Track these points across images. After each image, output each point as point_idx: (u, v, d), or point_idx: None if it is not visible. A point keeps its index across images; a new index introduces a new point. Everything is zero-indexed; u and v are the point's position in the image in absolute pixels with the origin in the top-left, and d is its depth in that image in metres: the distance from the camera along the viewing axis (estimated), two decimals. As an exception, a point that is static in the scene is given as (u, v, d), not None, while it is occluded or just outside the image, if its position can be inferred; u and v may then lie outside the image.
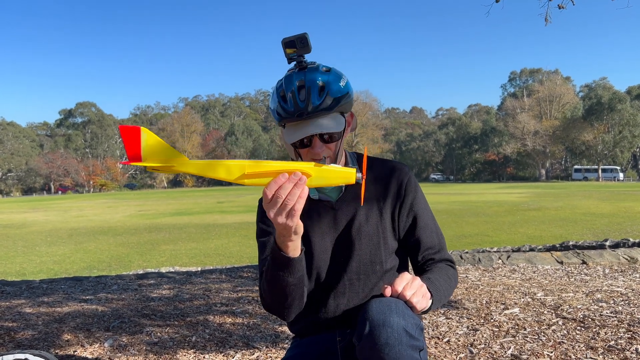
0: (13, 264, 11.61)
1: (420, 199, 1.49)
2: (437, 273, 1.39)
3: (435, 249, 1.47)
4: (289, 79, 1.34)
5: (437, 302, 1.29)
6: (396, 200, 1.46)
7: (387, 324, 1.19)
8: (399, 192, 1.46)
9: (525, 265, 4.72)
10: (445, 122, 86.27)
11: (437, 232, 1.50)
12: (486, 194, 32.57)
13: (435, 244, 1.48)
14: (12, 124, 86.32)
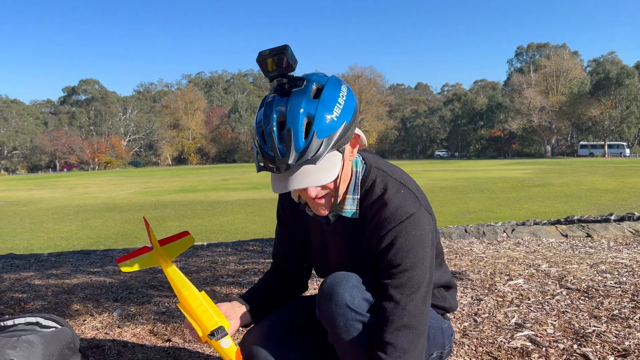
0: (21, 240, 11.73)
1: (399, 254, 1.22)
2: None
3: (385, 318, 1.21)
4: (269, 109, 1.09)
5: None
6: (375, 247, 1.27)
7: (333, 298, 1.24)
8: (377, 244, 1.25)
9: (530, 238, 4.72)
10: (450, 98, 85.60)
11: (400, 303, 1.20)
12: (491, 171, 32.49)
13: (389, 314, 1.20)
14: (16, 101, 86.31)
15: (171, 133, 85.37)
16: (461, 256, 4.03)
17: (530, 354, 2.06)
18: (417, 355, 1.22)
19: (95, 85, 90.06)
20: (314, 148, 1.05)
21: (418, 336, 1.21)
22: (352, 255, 1.35)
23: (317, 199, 1.21)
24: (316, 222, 1.41)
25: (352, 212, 1.30)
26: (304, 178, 1.08)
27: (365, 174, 1.30)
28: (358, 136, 1.23)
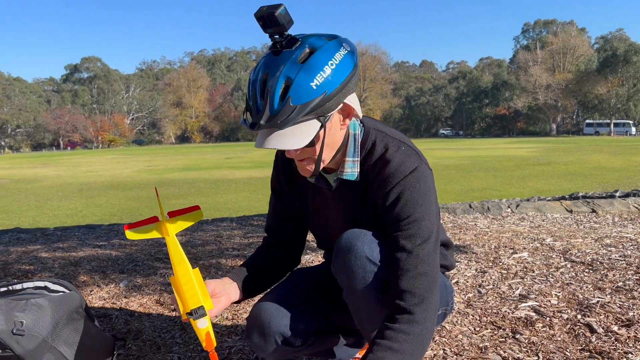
0: (26, 217, 11.81)
1: (406, 207, 1.22)
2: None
3: (400, 269, 1.21)
4: (258, 66, 1.11)
5: None
6: (380, 205, 1.27)
7: (352, 250, 1.25)
8: (383, 202, 1.25)
9: (535, 213, 4.72)
10: (455, 76, 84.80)
11: (413, 252, 1.20)
12: (495, 149, 32.36)
13: (402, 265, 1.20)
14: (19, 79, 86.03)
15: (174, 111, 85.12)
16: (465, 231, 4.03)
17: (534, 324, 2.08)
18: (434, 303, 1.21)
19: (97, 63, 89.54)
20: (285, 112, 1.05)
21: (433, 283, 1.22)
22: (357, 220, 1.34)
23: (299, 160, 1.22)
24: (317, 189, 1.39)
25: (354, 174, 1.29)
26: (275, 139, 1.09)
27: (364, 137, 1.29)
28: (352, 109, 1.19)
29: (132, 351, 1.96)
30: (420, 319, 1.18)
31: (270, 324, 1.34)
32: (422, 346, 1.20)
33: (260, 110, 1.07)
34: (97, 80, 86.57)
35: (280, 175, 1.46)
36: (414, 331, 1.18)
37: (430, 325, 1.21)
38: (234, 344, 2.00)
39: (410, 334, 1.17)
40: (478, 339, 1.96)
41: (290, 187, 1.46)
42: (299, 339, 1.38)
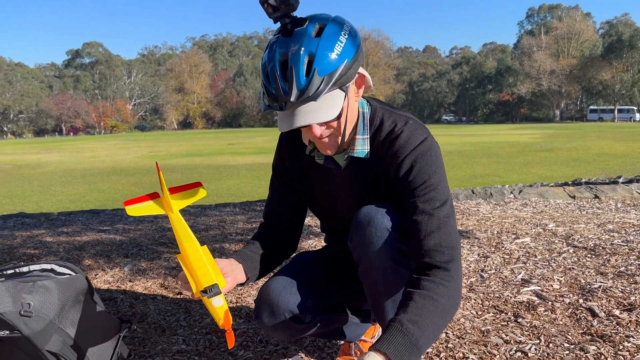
0: (30, 203, 11.85)
1: (420, 175, 1.23)
2: (421, 317, 1.12)
3: (423, 232, 1.20)
4: (273, 50, 1.12)
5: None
6: (393, 179, 1.28)
7: (372, 223, 1.26)
8: (396, 173, 1.27)
9: (537, 199, 4.72)
10: (459, 62, 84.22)
11: (434, 214, 1.21)
12: (498, 135, 32.24)
13: (424, 227, 1.21)
14: (20, 64, 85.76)
15: (176, 97, 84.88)
16: (468, 216, 4.04)
17: (536, 308, 2.09)
18: (460, 263, 1.22)
19: (99, 49, 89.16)
20: (314, 85, 1.07)
21: (458, 244, 1.22)
22: (368, 198, 1.34)
23: (322, 138, 1.22)
24: (325, 171, 1.39)
25: (364, 152, 1.30)
26: (307, 115, 1.10)
27: (371, 114, 1.32)
28: (363, 76, 1.23)
29: (138, 333, 1.98)
30: (455, 276, 1.18)
31: (279, 301, 1.35)
32: (455, 306, 1.18)
33: (286, 90, 1.08)
34: (99, 66, 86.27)
35: (285, 158, 1.46)
36: (451, 286, 1.16)
37: (460, 287, 1.20)
38: (237, 327, 2.02)
39: (448, 287, 1.16)
40: (480, 323, 1.97)
41: (294, 169, 1.46)
42: (308, 315, 1.40)
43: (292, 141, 1.44)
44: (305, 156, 1.41)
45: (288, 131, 1.46)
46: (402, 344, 1.06)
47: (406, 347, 1.06)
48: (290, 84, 1.08)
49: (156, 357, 1.79)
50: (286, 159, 1.45)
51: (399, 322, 1.09)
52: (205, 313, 2.17)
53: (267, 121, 77.22)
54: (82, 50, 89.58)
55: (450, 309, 1.16)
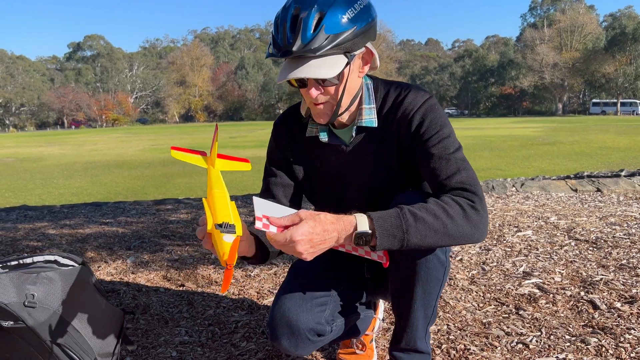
0: (32, 196, 11.87)
1: (431, 127, 1.25)
2: (414, 207, 1.13)
3: (444, 175, 1.21)
4: (287, 3, 1.17)
5: (385, 239, 1.10)
6: (405, 137, 1.29)
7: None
8: (408, 129, 1.27)
9: (539, 192, 4.72)
10: (461, 55, 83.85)
11: (450, 159, 1.22)
12: (501, 129, 32.17)
13: (444, 171, 1.21)
14: (22, 57, 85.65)
15: (178, 90, 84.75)
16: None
17: (537, 300, 2.09)
18: (483, 198, 1.20)
19: (100, 41, 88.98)
20: (319, 40, 1.11)
21: (478, 183, 1.22)
22: (380, 171, 1.32)
23: (317, 104, 1.23)
24: (329, 149, 1.36)
25: (372, 121, 1.31)
26: (305, 69, 1.13)
27: (375, 87, 1.34)
28: (372, 54, 1.25)
29: (141, 325, 2.00)
30: (478, 208, 1.16)
31: (298, 321, 1.28)
32: (472, 229, 1.15)
33: (291, 40, 1.12)
34: (101, 59, 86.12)
35: (281, 143, 1.43)
36: (470, 213, 1.14)
37: (483, 219, 1.17)
38: (240, 319, 2.03)
39: (465, 210, 1.14)
40: (482, 315, 1.98)
41: (291, 154, 1.42)
42: (327, 327, 1.35)
43: (288, 125, 1.42)
44: (305, 139, 1.39)
45: (284, 114, 1.45)
46: (392, 223, 1.10)
47: (394, 227, 1.09)
48: (296, 35, 1.11)
49: (159, 348, 1.80)
50: (282, 143, 1.43)
51: (400, 207, 1.13)
52: (208, 305, 2.19)
53: (268, 115, 77.15)
54: (84, 43, 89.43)
55: (463, 228, 1.13)
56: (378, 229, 1.09)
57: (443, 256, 1.29)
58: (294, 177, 1.45)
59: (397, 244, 1.11)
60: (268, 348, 1.77)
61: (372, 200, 1.31)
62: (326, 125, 1.35)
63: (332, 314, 1.39)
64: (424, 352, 1.42)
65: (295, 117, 1.42)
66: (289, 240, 1.06)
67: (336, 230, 1.09)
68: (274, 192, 1.44)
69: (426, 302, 1.33)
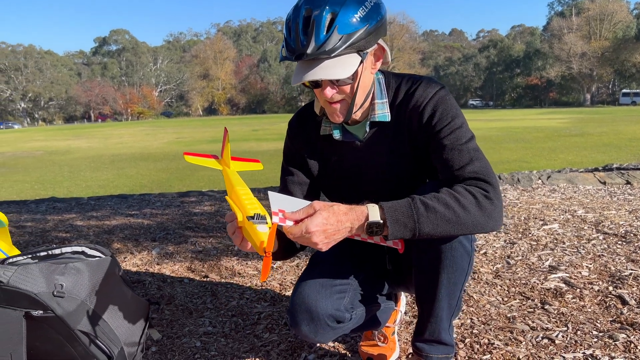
0: (61, 188, 12.15)
1: (443, 118, 1.25)
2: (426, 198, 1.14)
3: (457, 166, 1.21)
4: (298, 5, 1.18)
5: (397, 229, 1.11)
6: (417, 129, 1.28)
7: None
8: (420, 121, 1.27)
9: (566, 185, 4.62)
10: (486, 45, 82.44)
11: (463, 149, 1.22)
12: (526, 120, 31.60)
13: (457, 162, 1.21)
14: (50, 52, 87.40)
15: (201, 83, 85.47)
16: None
17: (564, 295, 2.06)
18: (498, 187, 1.19)
19: (125, 36, 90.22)
20: (332, 42, 1.11)
21: (493, 172, 1.20)
22: (395, 164, 1.33)
23: (333, 103, 1.24)
24: (344, 147, 1.37)
25: (385, 115, 1.31)
26: (319, 71, 1.14)
27: (386, 81, 1.34)
28: (383, 50, 1.26)
29: (166, 315, 2.03)
30: (492, 197, 1.15)
31: (317, 307, 1.29)
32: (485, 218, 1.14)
33: (304, 43, 1.12)
34: (126, 53, 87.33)
35: (296, 141, 1.44)
36: (484, 202, 1.14)
37: (497, 208, 1.16)
38: (263, 310, 2.05)
39: (478, 199, 1.14)
40: (506, 309, 1.96)
41: (306, 152, 1.43)
42: (347, 314, 1.36)
43: (303, 124, 1.43)
44: (320, 137, 1.39)
45: (298, 114, 1.46)
46: (403, 212, 1.11)
47: (405, 216, 1.11)
48: (309, 38, 1.12)
49: (183, 339, 1.83)
50: (297, 142, 1.44)
51: (412, 197, 1.14)
52: (231, 296, 2.21)
53: (290, 107, 77.21)
54: (109, 37, 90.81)
55: (476, 217, 1.13)
56: (389, 219, 1.11)
57: (469, 245, 1.28)
58: (311, 174, 1.46)
59: (409, 234, 1.12)
60: (290, 339, 1.78)
61: (389, 194, 1.30)
62: (340, 124, 1.35)
63: (351, 302, 1.39)
64: (448, 344, 1.41)
65: (309, 116, 1.43)
66: (304, 232, 1.08)
67: (349, 221, 1.11)
68: (292, 191, 1.45)
69: (451, 292, 1.32)
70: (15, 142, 29.10)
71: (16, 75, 76.83)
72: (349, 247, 1.52)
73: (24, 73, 77.28)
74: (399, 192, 1.29)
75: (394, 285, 1.59)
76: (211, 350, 1.73)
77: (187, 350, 1.74)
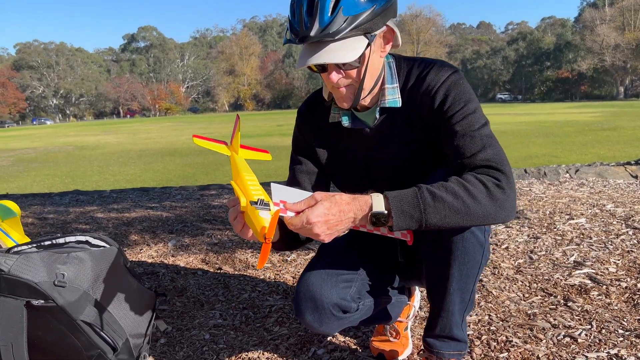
0: (90, 182, 12.38)
1: (455, 103, 1.19)
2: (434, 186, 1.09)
3: (468, 153, 1.15)
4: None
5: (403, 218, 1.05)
6: (428, 114, 1.22)
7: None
8: (431, 106, 1.21)
9: (595, 179, 4.46)
10: (515, 38, 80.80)
11: (475, 136, 1.16)
12: (556, 114, 30.84)
13: (468, 149, 1.15)
14: (80, 49, 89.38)
15: (227, 79, 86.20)
16: (519, 196, 3.86)
17: (589, 292, 1.96)
18: (511, 174, 1.13)
19: (153, 32, 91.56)
20: (337, 23, 1.06)
21: (506, 159, 1.14)
22: (407, 151, 1.27)
23: (340, 88, 1.19)
24: (354, 134, 1.32)
25: (396, 101, 1.25)
26: (325, 54, 1.09)
27: (397, 65, 1.28)
28: (393, 32, 1.19)
29: (177, 307, 2.01)
30: (506, 187, 1.09)
31: (322, 296, 1.25)
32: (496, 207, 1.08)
33: (308, 25, 1.08)
34: (153, 49, 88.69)
35: (305, 129, 1.39)
36: (495, 191, 1.08)
37: (510, 198, 1.10)
38: (274, 303, 2.01)
39: (489, 188, 1.08)
40: (527, 306, 1.87)
41: (316, 141, 1.38)
42: (352, 304, 1.31)
43: (312, 111, 1.38)
44: (329, 125, 1.34)
45: (307, 101, 1.41)
46: (409, 202, 1.05)
47: (411, 206, 1.05)
48: (313, 19, 1.07)
49: (193, 331, 1.80)
50: (306, 131, 1.39)
51: (419, 187, 1.08)
52: (243, 288, 2.18)
53: (316, 102, 77.16)
54: (138, 34, 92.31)
55: (487, 208, 1.07)
56: (394, 209, 1.05)
57: (481, 236, 1.21)
58: (319, 164, 1.40)
59: (415, 225, 1.07)
60: (300, 333, 1.74)
61: (400, 182, 1.24)
62: (349, 110, 1.29)
63: (358, 292, 1.35)
64: (461, 340, 1.35)
65: (318, 103, 1.37)
66: (305, 223, 1.03)
67: (352, 211, 1.06)
68: (300, 180, 1.40)
69: (463, 286, 1.25)
70: (47, 138, 29.86)
71: (48, 72, 78.85)
72: (355, 238, 1.47)
73: (55, 70, 79.28)
74: (410, 179, 1.24)
75: (406, 279, 1.54)
76: (220, 343, 1.71)
77: (196, 343, 1.72)
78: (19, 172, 14.36)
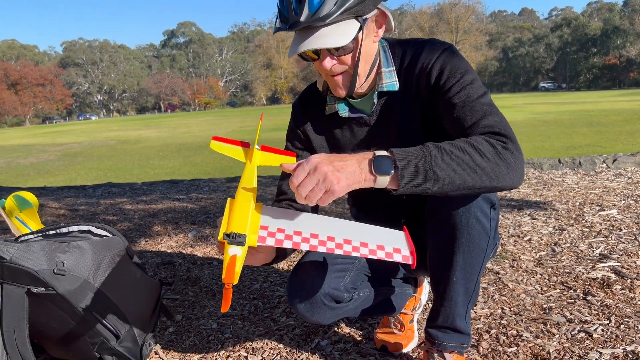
0: (131, 175, 12.74)
1: (452, 76, 1.15)
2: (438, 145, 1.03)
3: (469, 122, 1.10)
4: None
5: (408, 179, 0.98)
6: (426, 92, 1.19)
7: None
8: (427, 83, 1.18)
9: (634, 169, 4.25)
10: (559, 24, 77.94)
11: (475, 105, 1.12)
12: (603, 102, 29.63)
13: (469, 118, 1.11)
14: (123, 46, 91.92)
15: (264, 73, 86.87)
16: (550, 187, 3.73)
17: (611, 286, 1.87)
18: (517, 141, 1.07)
19: (192, 28, 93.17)
20: (327, 7, 1.05)
21: (509, 127, 1.09)
22: (407, 137, 1.24)
23: (334, 75, 1.16)
24: (352, 124, 1.29)
25: (393, 84, 1.22)
26: (316, 40, 1.07)
27: (391, 48, 1.25)
28: (385, 15, 1.17)
29: (189, 297, 2.04)
30: (513, 150, 1.04)
31: (313, 284, 1.24)
32: (506, 169, 1.02)
33: (297, 11, 1.06)
34: (193, 45, 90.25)
35: (301, 123, 1.36)
36: (503, 152, 1.03)
37: (519, 161, 1.04)
38: (284, 294, 2.01)
39: (497, 149, 1.02)
40: (543, 299, 1.80)
41: (312, 134, 1.35)
42: (345, 294, 1.29)
43: (307, 105, 1.36)
44: (326, 117, 1.32)
45: (301, 96, 1.39)
46: (414, 154, 0.99)
47: (417, 158, 0.98)
48: (302, 5, 1.05)
49: (201, 320, 1.82)
50: (302, 125, 1.36)
51: (424, 144, 1.02)
52: (255, 279, 2.19)
53: (353, 94, 76.79)
54: (177, 30, 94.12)
55: (496, 165, 1.01)
56: (399, 159, 0.98)
57: (487, 223, 1.16)
58: None
59: (423, 179, 0.98)
60: (306, 324, 1.73)
61: None
62: (344, 99, 1.26)
63: (352, 282, 1.32)
64: (464, 333, 1.30)
65: (314, 96, 1.35)
66: (307, 166, 0.96)
67: (354, 158, 0.99)
68: None
69: (467, 275, 1.20)
70: (92, 133, 30.91)
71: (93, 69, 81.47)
72: None
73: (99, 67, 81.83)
74: None
75: (410, 270, 1.50)
76: (226, 333, 1.72)
77: (203, 332, 1.73)
78: (64, 165, 14.94)
